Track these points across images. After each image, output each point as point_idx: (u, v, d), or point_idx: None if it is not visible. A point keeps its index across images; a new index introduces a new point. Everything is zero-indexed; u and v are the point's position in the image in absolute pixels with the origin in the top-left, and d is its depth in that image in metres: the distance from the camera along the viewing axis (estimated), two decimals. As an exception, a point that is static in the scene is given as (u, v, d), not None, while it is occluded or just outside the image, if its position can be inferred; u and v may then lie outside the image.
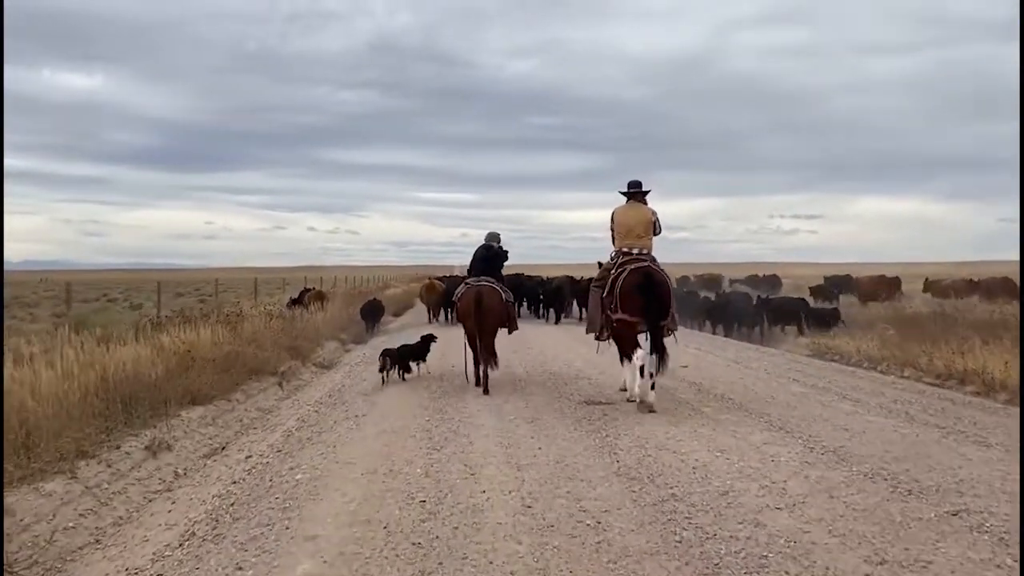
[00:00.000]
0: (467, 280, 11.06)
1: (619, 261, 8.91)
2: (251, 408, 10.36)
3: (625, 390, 9.44)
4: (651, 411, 8.25)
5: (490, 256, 11.00)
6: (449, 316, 22.36)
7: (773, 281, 41.97)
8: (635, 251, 8.92)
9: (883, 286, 32.20)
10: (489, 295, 10.42)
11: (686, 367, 12.07)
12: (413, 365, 11.63)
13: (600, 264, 10.22)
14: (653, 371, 8.41)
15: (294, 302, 21.81)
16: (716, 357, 13.86)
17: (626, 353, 9.18)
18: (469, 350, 10.73)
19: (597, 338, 9.59)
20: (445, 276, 29.10)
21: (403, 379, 11.31)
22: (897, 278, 34.00)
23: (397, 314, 28.73)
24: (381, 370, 11.20)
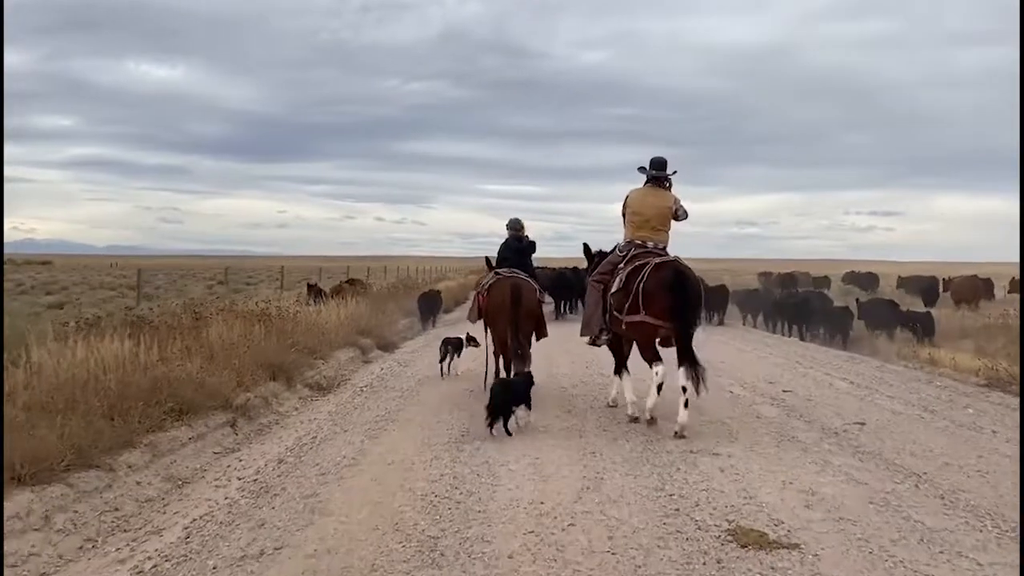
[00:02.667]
0: (497, 271, 8.91)
1: (631, 254, 7.20)
2: (152, 478, 6.05)
3: (614, 405, 7.83)
4: (681, 436, 6.41)
5: (523, 248, 9.23)
6: None
7: (870, 280, 36.13)
8: (649, 244, 7.24)
9: (975, 288, 27.50)
10: (528, 291, 8.45)
11: (863, 424, 7.15)
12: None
13: (587, 250, 8.53)
14: (687, 386, 6.50)
15: (316, 293, 17.68)
16: (884, 397, 8.77)
17: (624, 365, 7.69)
18: (492, 354, 8.86)
19: (593, 342, 7.75)
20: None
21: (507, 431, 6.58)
22: (989, 279, 29.43)
23: (448, 310, 24.36)
24: (441, 361, 10.01)
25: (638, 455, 5.88)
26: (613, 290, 7.15)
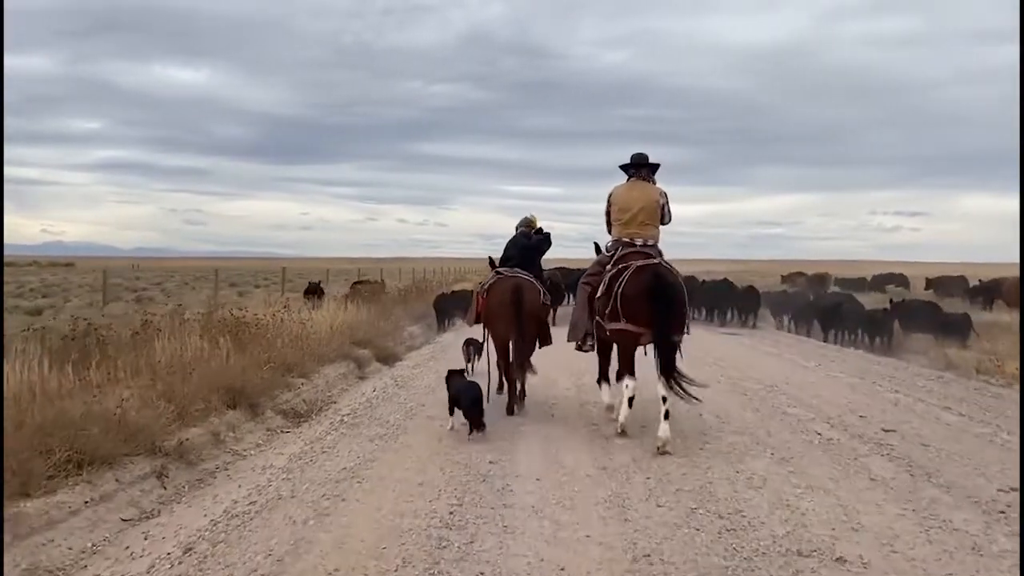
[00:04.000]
0: (498, 270, 7.89)
1: (617, 254, 6.54)
2: (8, 572, 4.06)
3: (616, 418, 6.58)
4: (664, 452, 5.63)
5: (531, 245, 8.17)
6: None
7: (904, 281, 33.64)
8: (638, 242, 6.54)
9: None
10: (530, 292, 7.48)
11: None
12: None
13: (598, 249, 7.35)
14: (666, 396, 5.91)
15: (318, 295, 15.82)
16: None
17: (618, 372, 6.63)
18: (490, 359, 7.90)
19: (579, 347, 7.05)
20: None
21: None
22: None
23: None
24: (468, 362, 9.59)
25: (720, 560, 3.70)
26: (598, 294, 6.61)
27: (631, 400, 6.17)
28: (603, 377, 7.09)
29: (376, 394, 8.96)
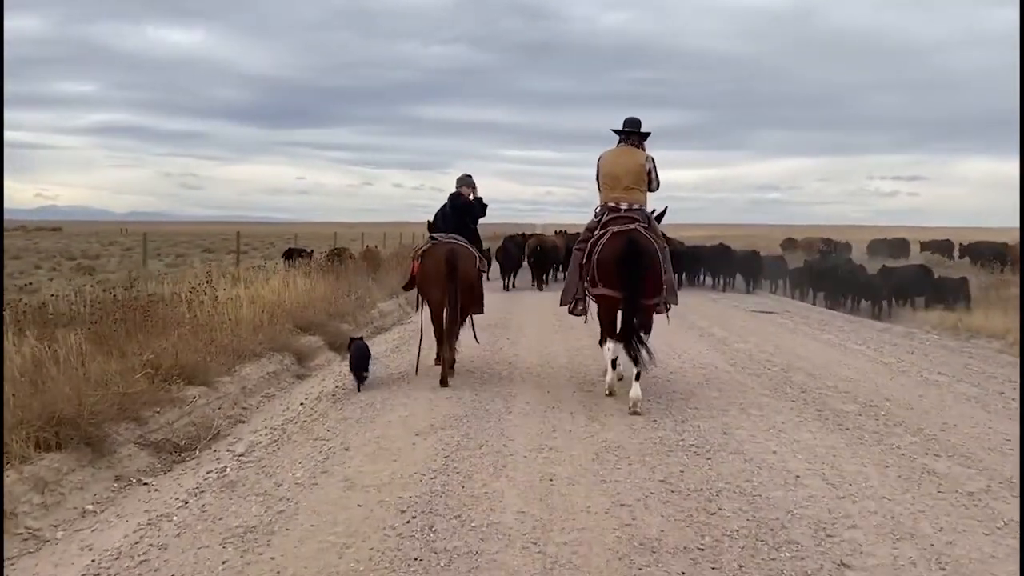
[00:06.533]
0: (432, 236, 7.32)
1: (603, 219, 6.51)
2: None
3: (607, 388, 6.59)
4: (634, 412, 5.76)
5: (459, 206, 7.46)
6: (513, 282, 17.88)
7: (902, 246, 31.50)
8: (624, 207, 6.44)
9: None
10: (465, 258, 7.07)
11: None
12: None
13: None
14: (622, 361, 6.19)
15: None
16: None
17: (600, 337, 6.84)
18: (426, 328, 7.33)
19: (571, 311, 6.96)
20: (521, 235, 21.16)
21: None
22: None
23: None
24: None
25: None
26: (584, 260, 6.55)
27: (615, 362, 6.29)
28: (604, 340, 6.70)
29: (302, 411, 6.13)
